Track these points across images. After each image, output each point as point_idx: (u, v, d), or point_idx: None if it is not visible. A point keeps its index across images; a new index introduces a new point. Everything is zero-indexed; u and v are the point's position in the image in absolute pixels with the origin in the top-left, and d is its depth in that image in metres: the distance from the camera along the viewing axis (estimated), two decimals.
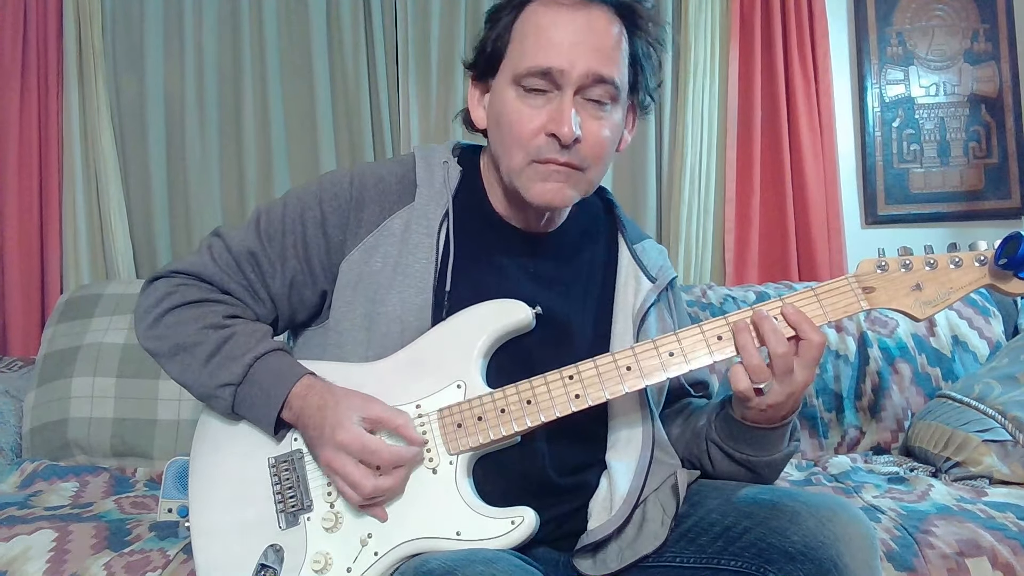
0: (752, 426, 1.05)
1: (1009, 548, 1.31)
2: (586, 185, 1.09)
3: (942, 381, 1.98)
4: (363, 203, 1.11)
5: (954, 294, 1.00)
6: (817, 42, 2.41)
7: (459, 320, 1.06)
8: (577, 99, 1.03)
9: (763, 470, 1.10)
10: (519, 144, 1.05)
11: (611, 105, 1.06)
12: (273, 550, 1.03)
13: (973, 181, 2.49)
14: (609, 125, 1.06)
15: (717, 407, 1.13)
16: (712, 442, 1.11)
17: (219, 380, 1.05)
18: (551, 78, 1.02)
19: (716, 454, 1.12)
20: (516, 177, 1.07)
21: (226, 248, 1.12)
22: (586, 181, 1.08)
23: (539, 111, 1.03)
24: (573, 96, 1.02)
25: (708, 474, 1.14)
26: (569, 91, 1.02)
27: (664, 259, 1.23)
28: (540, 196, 1.06)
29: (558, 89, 1.03)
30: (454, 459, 1.01)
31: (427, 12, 2.45)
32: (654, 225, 2.46)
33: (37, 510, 1.54)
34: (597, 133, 1.05)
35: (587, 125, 1.04)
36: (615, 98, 1.06)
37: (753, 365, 0.98)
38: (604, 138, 1.06)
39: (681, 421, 1.21)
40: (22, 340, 2.34)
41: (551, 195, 1.06)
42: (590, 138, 1.04)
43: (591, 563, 1.06)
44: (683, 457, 1.17)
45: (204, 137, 2.46)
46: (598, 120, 1.05)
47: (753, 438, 1.07)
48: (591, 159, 1.06)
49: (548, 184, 1.05)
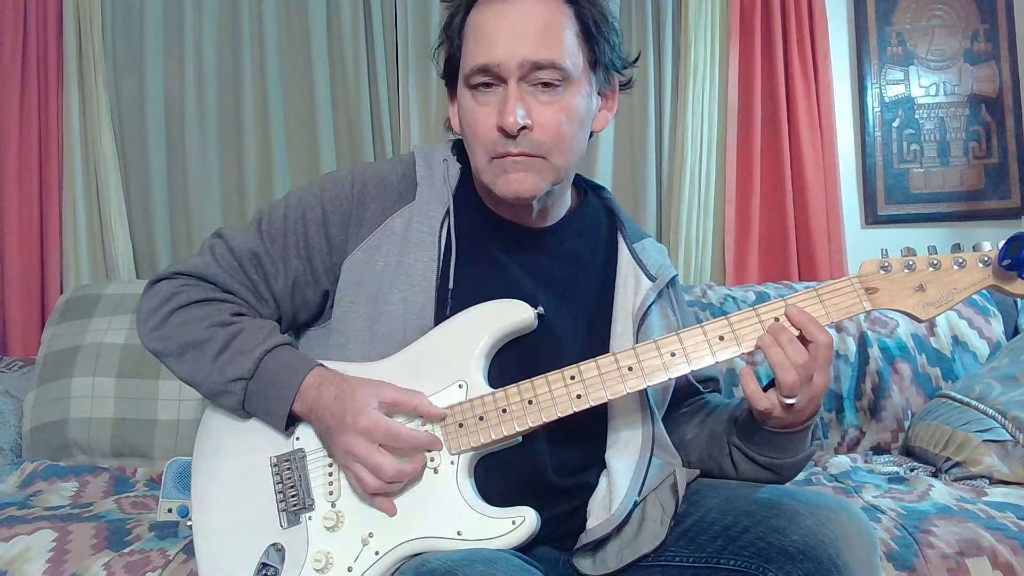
0: (775, 431, 1.05)
1: (1009, 548, 1.31)
2: (552, 172, 1.07)
3: (942, 381, 1.98)
4: (364, 202, 1.11)
5: (957, 295, 1.00)
6: (817, 42, 2.41)
7: (461, 320, 1.06)
8: (525, 87, 1.03)
9: (786, 471, 1.10)
10: (479, 143, 1.06)
11: (563, 87, 1.04)
12: (274, 549, 1.03)
13: (973, 181, 2.49)
14: (563, 107, 1.04)
15: (736, 411, 1.13)
16: (734, 446, 1.11)
17: (230, 375, 1.05)
18: (492, 73, 1.03)
19: (739, 458, 1.11)
20: (484, 176, 1.08)
21: (228, 249, 1.12)
22: (550, 168, 1.06)
23: (490, 108, 1.04)
24: (518, 85, 1.02)
25: (729, 477, 1.14)
26: (512, 82, 1.02)
27: (664, 257, 1.23)
28: (506, 188, 1.06)
29: (503, 83, 1.03)
30: (455, 459, 1.01)
31: (427, 12, 2.45)
32: (654, 225, 2.46)
33: (37, 510, 1.54)
34: (551, 118, 1.03)
35: (536, 112, 1.03)
36: (565, 79, 1.04)
37: (789, 382, 0.96)
38: (558, 121, 1.04)
39: (698, 422, 1.21)
40: (22, 340, 2.33)
41: (515, 185, 1.05)
42: (542, 123, 1.03)
43: (591, 562, 1.06)
44: (700, 459, 1.17)
45: (204, 137, 2.46)
46: (549, 105, 1.03)
47: (777, 442, 1.06)
48: (548, 144, 1.04)
49: (510, 175, 1.05)
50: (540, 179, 1.06)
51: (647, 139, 2.44)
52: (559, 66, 1.02)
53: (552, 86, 1.03)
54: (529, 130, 1.03)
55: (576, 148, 1.09)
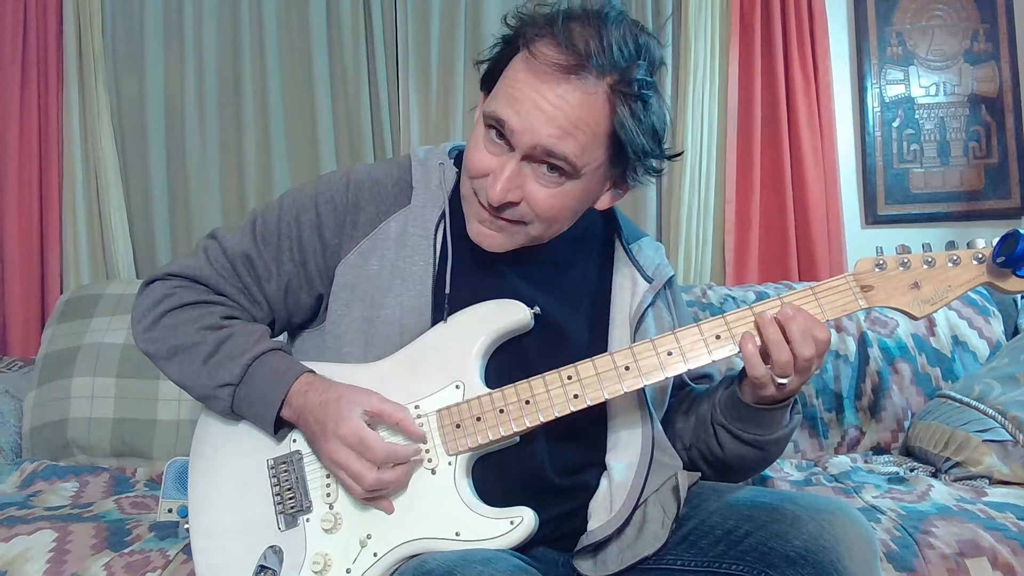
0: (759, 407, 1.06)
1: (1009, 548, 1.31)
2: (527, 238, 1.05)
3: (942, 381, 1.98)
4: (359, 206, 1.11)
5: (952, 292, 1.00)
6: (817, 42, 2.41)
7: (457, 320, 1.06)
8: (529, 163, 0.99)
9: (771, 447, 1.10)
10: (468, 174, 1.05)
11: (567, 180, 1.00)
12: (272, 551, 1.03)
13: (973, 181, 2.49)
14: (561, 194, 1.01)
15: (719, 391, 1.13)
16: (719, 425, 1.12)
17: (218, 380, 1.05)
18: (505, 135, 0.99)
19: (724, 436, 1.12)
20: (463, 202, 1.08)
21: (222, 251, 1.12)
22: (527, 234, 1.04)
23: (494, 158, 1.01)
24: (522, 161, 0.99)
25: (718, 457, 1.15)
26: (516, 156, 0.99)
27: (661, 257, 1.23)
28: (474, 236, 1.05)
29: (510, 151, 1.00)
30: (453, 459, 1.01)
31: (427, 12, 2.45)
32: (654, 225, 2.46)
33: (37, 510, 1.54)
34: (544, 199, 1.00)
35: (530, 188, 1.00)
36: (571, 175, 1.00)
37: (783, 362, 0.98)
38: (550, 205, 1.01)
39: (685, 409, 1.21)
40: (22, 340, 2.33)
41: (482, 238, 1.05)
42: (531, 200, 1.00)
43: (591, 564, 1.06)
44: (691, 444, 1.18)
45: (204, 137, 2.46)
46: (545, 188, 1.00)
47: (761, 418, 1.07)
48: (532, 216, 1.02)
49: (482, 228, 1.04)
50: (510, 241, 1.05)
51: None
52: (571, 163, 0.98)
53: (558, 170, 0.99)
54: (515, 204, 1.01)
55: (563, 224, 1.07)
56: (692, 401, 1.21)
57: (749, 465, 1.14)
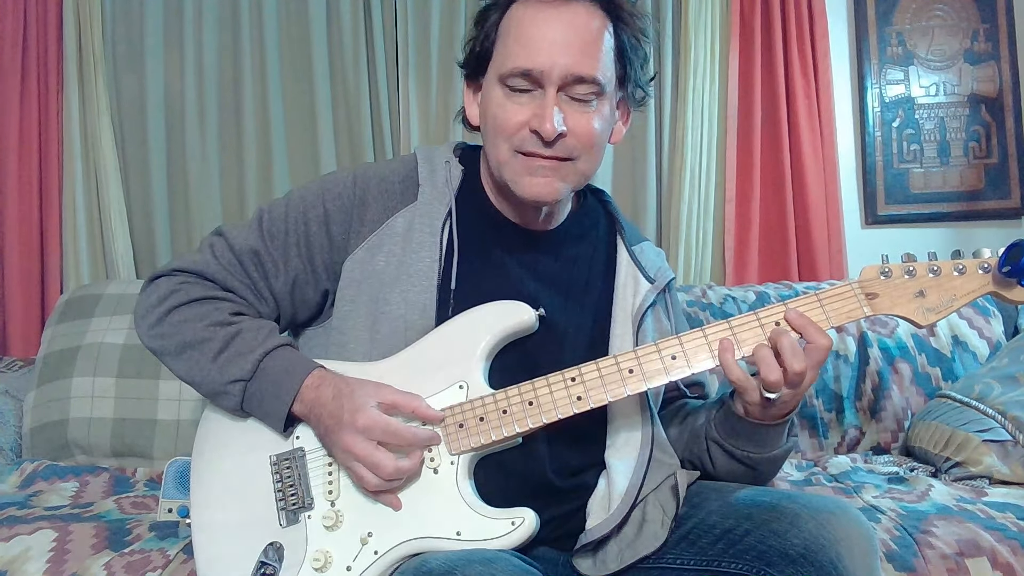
0: (755, 423, 1.06)
1: (1009, 548, 1.31)
2: (577, 176, 1.09)
3: (942, 381, 1.98)
4: (366, 202, 1.11)
5: (957, 301, 1.01)
6: (817, 42, 2.41)
7: (462, 321, 1.06)
8: (561, 95, 1.04)
9: (764, 466, 1.10)
10: (504, 136, 1.06)
11: (597, 100, 1.06)
12: (273, 548, 1.03)
13: (973, 181, 2.49)
14: (597, 117, 1.07)
15: (716, 405, 1.13)
16: (713, 440, 1.12)
17: (229, 376, 1.05)
18: (532, 78, 1.04)
19: (717, 452, 1.12)
20: (504, 169, 1.08)
21: (228, 247, 1.12)
22: (576, 172, 1.09)
23: (524, 107, 1.05)
24: (557, 93, 1.04)
25: (709, 473, 1.15)
26: (552, 89, 1.03)
27: (662, 260, 1.24)
28: (529, 190, 1.07)
29: (541, 88, 1.04)
30: (455, 459, 1.01)
31: (427, 12, 2.45)
32: (654, 225, 2.46)
33: (37, 510, 1.53)
34: (585, 125, 1.06)
35: (573, 119, 1.05)
36: (600, 94, 1.06)
37: (772, 381, 0.98)
38: (593, 129, 1.07)
39: (679, 422, 1.21)
40: (22, 340, 2.33)
41: (539, 188, 1.07)
42: (577, 130, 1.05)
43: (591, 563, 1.06)
44: (683, 457, 1.18)
45: (204, 137, 2.45)
46: (585, 114, 1.06)
47: (755, 435, 1.07)
48: (580, 149, 1.07)
49: (536, 178, 1.06)
50: (564, 184, 1.08)
51: (647, 139, 2.44)
52: (597, 81, 1.05)
53: (590, 92, 1.05)
54: (564, 136, 1.04)
55: (600, 156, 1.12)
56: (686, 414, 1.21)
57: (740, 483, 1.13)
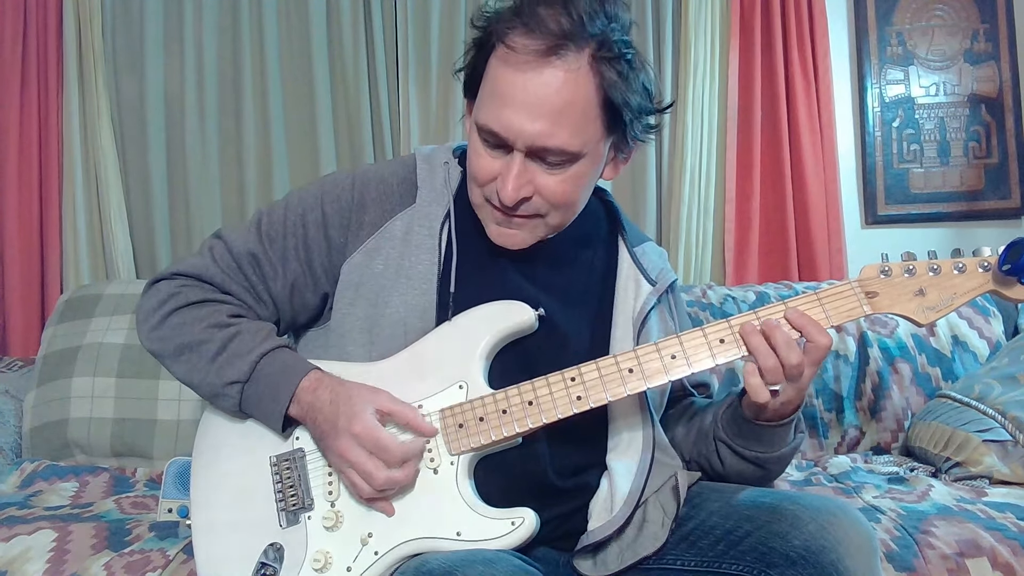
0: (762, 424, 1.06)
1: (1009, 548, 1.31)
2: (548, 228, 1.07)
3: (942, 381, 1.98)
4: (364, 205, 1.11)
5: (957, 300, 1.00)
6: (817, 42, 2.41)
7: (461, 321, 1.06)
8: (529, 160, 1.00)
9: (772, 465, 1.11)
10: (476, 183, 1.05)
11: (570, 164, 1.01)
12: (273, 548, 1.03)
13: (973, 181, 2.49)
14: (569, 177, 1.02)
15: (723, 406, 1.13)
16: (720, 441, 1.12)
17: (226, 378, 1.05)
18: (501, 139, 1.00)
19: (725, 452, 1.12)
20: (477, 211, 1.08)
21: (227, 250, 1.12)
22: (547, 226, 1.07)
23: (495, 161, 1.02)
24: (524, 158, 0.99)
25: (718, 472, 1.15)
26: (518, 155, 0.99)
27: (664, 262, 1.23)
28: (496, 239, 1.07)
29: (510, 151, 1.00)
30: (455, 459, 1.01)
31: (427, 12, 2.45)
32: (654, 225, 2.46)
33: (37, 510, 1.54)
34: (553, 187, 1.01)
35: (541, 179, 1.01)
36: (572, 159, 1.00)
37: (768, 367, 0.98)
38: (563, 191, 1.02)
39: (686, 421, 1.21)
40: (22, 340, 2.33)
41: (506, 239, 1.06)
42: (545, 192, 1.02)
43: (591, 564, 1.06)
44: (690, 457, 1.18)
45: (204, 137, 2.45)
46: (553, 176, 1.01)
47: (763, 435, 1.07)
48: (548, 207, 1.04)
49: (503, 228, 1.06)
50: (531, 236, 1.07)
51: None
52: (566, 151, 0.99)
53: (557, 164, 1.01)
54: (528, 199, 1.02)
55: (578, 206, 1.09)
56: (693, 414, 1.21)
57: (749, 482, 1.13)
